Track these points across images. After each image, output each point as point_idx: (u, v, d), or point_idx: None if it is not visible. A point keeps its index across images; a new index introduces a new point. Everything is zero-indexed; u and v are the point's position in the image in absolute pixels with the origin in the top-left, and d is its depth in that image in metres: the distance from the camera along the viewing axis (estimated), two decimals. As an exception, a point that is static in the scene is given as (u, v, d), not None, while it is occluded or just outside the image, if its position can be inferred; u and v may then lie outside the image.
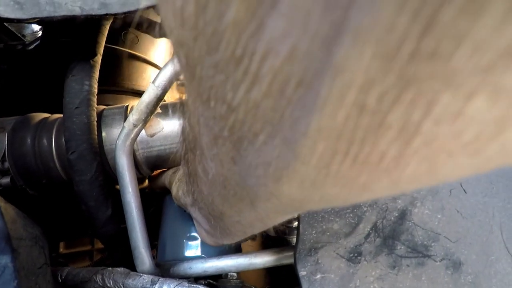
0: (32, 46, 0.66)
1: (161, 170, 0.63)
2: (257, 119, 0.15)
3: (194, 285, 0.44)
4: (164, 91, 0.49)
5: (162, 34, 0.79)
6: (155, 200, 0.70)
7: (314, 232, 0.35)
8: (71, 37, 0.56)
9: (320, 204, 0.19)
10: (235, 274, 0.53)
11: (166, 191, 0.58)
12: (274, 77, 0.12)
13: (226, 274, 0.52)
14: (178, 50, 0.16)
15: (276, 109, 0.13)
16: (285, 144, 0.14)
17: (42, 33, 0.67)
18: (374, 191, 0.16)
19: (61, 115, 0.58)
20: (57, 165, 0.56)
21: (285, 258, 0.46)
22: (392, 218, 0.36)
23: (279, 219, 0.28)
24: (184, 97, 0.23)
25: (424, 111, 0.11)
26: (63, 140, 0.54)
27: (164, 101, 0.53)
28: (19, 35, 0.70)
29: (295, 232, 0.65)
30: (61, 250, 0.75)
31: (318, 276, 0.33)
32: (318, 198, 0.17)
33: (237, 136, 0.17)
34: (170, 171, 0.58)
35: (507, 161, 0.13)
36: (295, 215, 0.29)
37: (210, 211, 0.34)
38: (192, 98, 0.20)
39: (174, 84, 0.49)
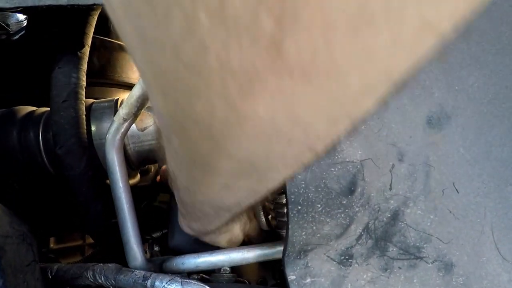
0: (17, 36, 0.64)
1: None
2: None
3: (187, 280, 0.44)
4: (155, 84, 0.47)
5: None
6: (147, 195, 0.69)
7: (303, 233, 0.34)
8: (58, 27, 0.54)
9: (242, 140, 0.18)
10: (228, 269, 0.53)
11: None
12: None
13: (219, 269, 0.52)
14: None
15: None
16: None
17: (27, 23, 0.65)
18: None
19: (48, 109, 0.56)
20: (45, 160, 0.55)
21: (278, 252, 0.46)
22: (385, 219, 0.35)
23: (239, 189, 0.25)
24: None
25: None
26: (51, 134, 0.52)
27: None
28: (3, 24, 0.68)
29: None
30: (51, 245, 0.74)
31: (308, 280, 0.32)
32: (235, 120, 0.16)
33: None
34: None
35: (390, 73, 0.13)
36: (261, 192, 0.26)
37: (180, 189, 0.33)
38: None
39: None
